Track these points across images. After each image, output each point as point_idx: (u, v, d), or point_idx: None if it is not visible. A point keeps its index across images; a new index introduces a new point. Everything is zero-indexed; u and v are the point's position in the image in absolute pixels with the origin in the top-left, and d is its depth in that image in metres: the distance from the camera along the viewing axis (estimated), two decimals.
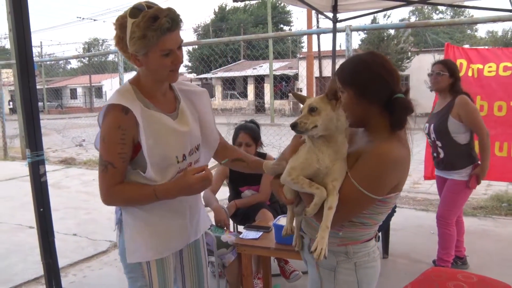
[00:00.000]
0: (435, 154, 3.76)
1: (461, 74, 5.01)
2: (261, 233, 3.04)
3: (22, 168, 8.92)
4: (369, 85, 1.60)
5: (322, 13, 5.42)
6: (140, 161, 1.76)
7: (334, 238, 1.66)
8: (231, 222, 3.76)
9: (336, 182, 1.56)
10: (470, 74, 4.95)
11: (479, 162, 3.56)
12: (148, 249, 1.83)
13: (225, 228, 3.41)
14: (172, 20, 1.66)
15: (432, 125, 3.71)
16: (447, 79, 3.67)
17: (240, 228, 3.67)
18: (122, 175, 1.74)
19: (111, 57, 8.43)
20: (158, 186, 1.74)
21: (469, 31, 43.13)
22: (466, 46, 25.59)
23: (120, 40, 1.71)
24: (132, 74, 1.87)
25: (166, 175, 1.78)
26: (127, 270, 1.88)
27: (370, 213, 1.63)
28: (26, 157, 2.39)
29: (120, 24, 1.69)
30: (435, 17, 43.89)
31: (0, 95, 11.00)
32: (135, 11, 1.65)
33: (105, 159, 1.71)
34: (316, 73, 20.77)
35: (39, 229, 2.46)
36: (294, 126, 1.54)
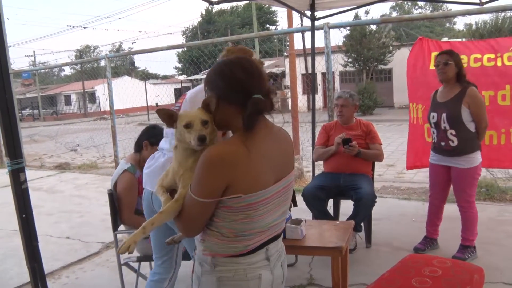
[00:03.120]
0: (443, 143, 3.82)
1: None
2: None
3: None
4: (223, 88, 1.60)
5: (300, 12, 5.52)
6: None
7: (200, 245, 1.65)
8: None
9: (184, 189, 1.61)
10: None
11: None
12: None
13: None
14: None
15: (444, 114, 3.77)
16: (454, 69, 3.76)
17: None
18: None
19: (102, 63, 8.52)
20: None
21: (448, 25, 43.79)
22: (445, 38, 25.79)
23: None
24: (122, 79, 2.13)
25: None
26: None
27: (222, 220, 1.57)
28: (6, 166, 2.47)
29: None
30: (415, 12, 44.57)
31: None
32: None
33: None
34: (303, 70, 20.87)
35: (23, 235, 2.53)
36: (203, 140, 1.58)
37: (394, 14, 45.73)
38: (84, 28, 51.37)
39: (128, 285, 3.46)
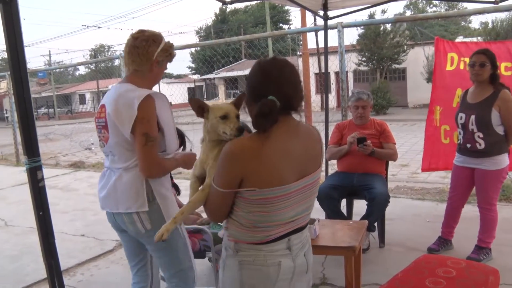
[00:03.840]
0: (469, 145, 3.74)
1: (453, 67, 5.07)
2: None
3: None
4: (248, 88, 1.73)
5: (313, 11, 5.51)
6: None
7: (225, 232, 1.78)
8: None
9: (209, 179, 1.76)
10: (462, 67, 4.96)
11: None
12: None
13: (222, 225, 3.52)
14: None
15: (473, 116, 3.68)
16: (489, 70, 3.66)
17: None
18: None
19: (117, 62, 8.60)
20: (177, 156, 2.41)
21: (463, 23, 43.21)
22: (460, 37, 25.39)
23: (149, 48, 2.27)
24: None
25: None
26: None
27: (241, 210, 1.66)
28: (23, 164, 2.52)
29: (157, 39, 2.30)
30: (430, 10, 44.05)
31: (11, 104, 11.27)
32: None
33: (153, 135, 2.19)
34: (316, 70, 20.80)
35: (40, 232, 2.57)
36: (242, 131, 1.76)
37: (408, 13, 45.36)
38: (99, 27, 51.69)
39: None
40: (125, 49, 2.31)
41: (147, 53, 2.26)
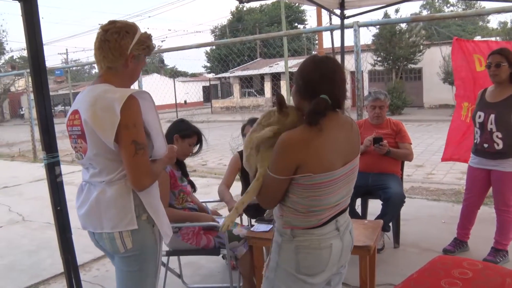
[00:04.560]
0: (486, 145, 3.70)
1: (483, 68, 4.98)
2: (271, 225, 3.11)
3: None
4: (301, 85, 1.88)
5: (329, 11, 5.49)
6: None
7: (279, 220, 1.94)
8: (244, 216, 3.88)
9: (261, 169, 1.89)
10: None
11: None
12: None
13: (237, 222, 3.54)
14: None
15: (492, 115, 3.64)
16: (507, 70, 3.61)
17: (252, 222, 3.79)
18: None
19: None
20: (162, 159, 2.15)
21: (481, 23, 42.55)
22: (478, 37, 24.98)
23: (122, 41, 1.99)
24: (151, 77, 2.22)
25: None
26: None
27: (297, 197, 1.84)
28: (43, 159, 2.55)
29: (132, 29, 2.03)
30: (447, 10, 43.51)
31: (29, 101, 11.45)
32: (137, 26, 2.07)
33: (141, 142, 1.93)
34: None
35: (57, 227, 2.61)
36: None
37: (425, 12, 44.90)
38: None
39: None
40: (94, 44, 2.03)
41: (120, 47, 1.98)
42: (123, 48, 1.98)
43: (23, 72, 12.37)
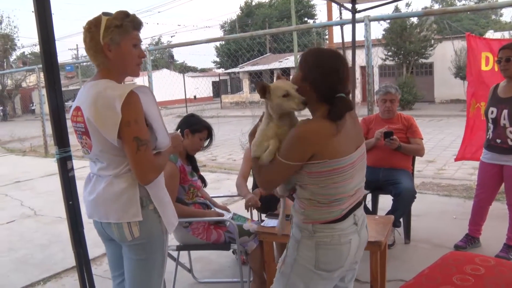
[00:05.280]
0: (499, 141, 3.67)
1: (489, 67, 4.93)
2: (277, 220, 3.13)
3: None
4: (318, 79, 1.87)
5: (340, 4, 5.45)
6: None
7: (300, 215, 1.95)
8: (254, 211, 3.88)
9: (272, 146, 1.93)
10: (496, 69, 4.81)
11: None
12: None
13: (247, 217, 3.56)
14: (139, 20, 2.04)
15: (505, 110, 3.60)
16: None
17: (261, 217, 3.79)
18: None
19: None
20: (166, 150, 2.14)
21: (493, 16, 42.06)
22: (491, 31, 24.64)
23: (92, 37, 1.97)
24: (161, 72, 2.17)
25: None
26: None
27: (317, 186, 1.87)
28: (55, 154, 2.57)
29: (96, 22, 1.96)
30: (459, 4, 43.11)
31: (40, 96, 11.55)
32: (106, 13, 2.00)
33: (144, 138, 1.94)
34: None
35: (69, 221, 2.62)
36: (306, 103, 1.88)
37: (436, 6, 44.52)
38: None
39: (167, 273, 3.52)
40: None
41: (94, 44, 1.96)
42: (96, 43, 1.97)
43: (34, 68, 12.48)
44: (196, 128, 3.34)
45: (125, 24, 1.96)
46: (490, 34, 22.51)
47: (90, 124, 1.96)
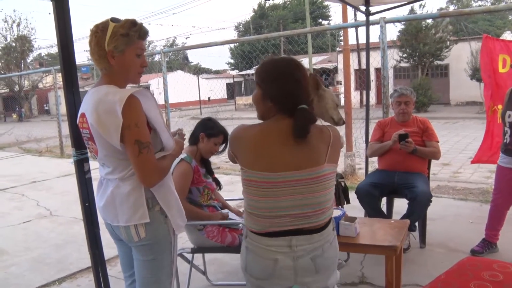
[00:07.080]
0: None
1: (506, 70, 4.86)
2: None
3: None
4: (273, 89, 1.82)
5: (354, 7, 5.43)
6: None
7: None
8: None
9: None
10: None
11: None
12: None
13: None
14: (146, 30, 2.06)
15: None
16: None
17: None
18: None
19: (157, 57, 8.75)
20: (171, 153, 2.15)
21: (510, 17, 41.51)
22: (507, 32, 24.30)
23: (97, 42, 1.98)
24: (175, 74, 2.18)
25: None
26: None
27: (244, 191, 1.87)
28: (72, 156, 2.59)
29: (103, 27, 1.97)
30: (475, 4, 42.65)
31: (56, 97, 11.67)
32: (115, 18, 2.01)
33: (145, 141, 1.95)
34: (356, 66, 20.53)
35: (85, 222, 2.64)
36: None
37: (452, 8, 44.07)
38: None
39: (182, 275, 3.54)
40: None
41: (99, 49, 1.99)
42: (100, 48, 1.98)
43: (50, 69, 12.62)
44: (212, 133, 3.33)
45: (131, 34, 1.98)
46: (507, 35, 22.22)
47: (93, 129, 1.99)
